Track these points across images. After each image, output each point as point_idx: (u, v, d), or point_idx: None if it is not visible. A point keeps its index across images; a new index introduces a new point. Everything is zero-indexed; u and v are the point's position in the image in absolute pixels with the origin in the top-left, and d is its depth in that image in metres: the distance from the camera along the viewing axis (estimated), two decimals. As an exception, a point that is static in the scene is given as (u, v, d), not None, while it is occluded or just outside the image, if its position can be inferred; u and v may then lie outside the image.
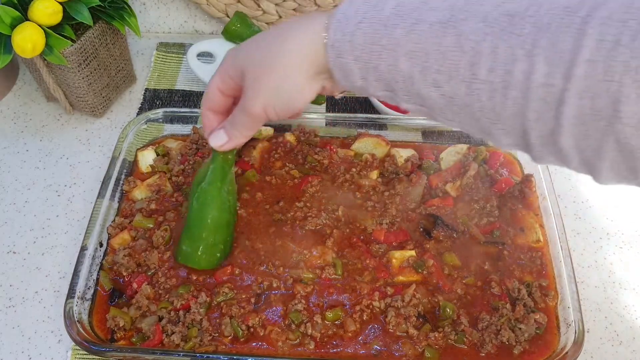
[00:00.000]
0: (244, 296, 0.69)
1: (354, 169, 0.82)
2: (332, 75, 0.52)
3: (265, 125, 0.87)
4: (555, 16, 0.40)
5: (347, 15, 0.49)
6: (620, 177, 0.41)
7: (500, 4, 0.43)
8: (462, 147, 0.84)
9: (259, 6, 1.04)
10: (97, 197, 0.76)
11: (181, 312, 0.67)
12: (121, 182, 0.81)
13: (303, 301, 0.68)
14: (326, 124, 0.88)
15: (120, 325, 0.66)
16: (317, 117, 0.88)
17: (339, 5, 0.51)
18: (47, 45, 0.80)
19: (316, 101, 0.87)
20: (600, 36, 0.38)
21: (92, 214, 0.75)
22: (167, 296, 0.69)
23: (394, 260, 0.73)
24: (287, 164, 0.83)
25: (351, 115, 0.88)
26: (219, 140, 0.63)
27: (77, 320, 0.65)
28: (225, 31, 0.95)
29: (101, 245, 0.74)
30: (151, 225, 0.76)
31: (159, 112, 0.87)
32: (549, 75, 0.39)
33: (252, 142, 0.85)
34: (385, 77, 0.48)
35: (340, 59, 0.50)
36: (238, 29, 0.95)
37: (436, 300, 0.69)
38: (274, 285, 0.70)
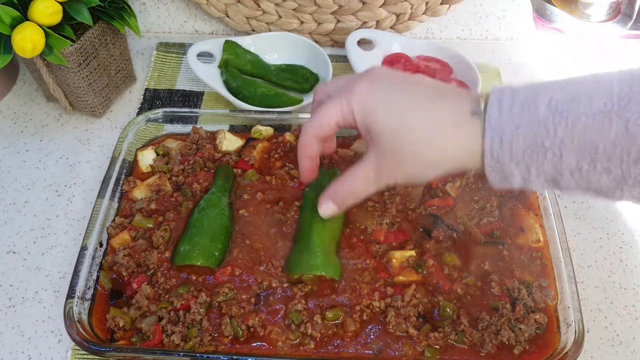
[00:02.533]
0: (244, 296, 0.69)
1: (354, 169, 0.82)
2: (485, 176, 0.52)
3: (266, 125, 0.87)
4: None
5: (501, 121, 0.49)
6: None
7: None
8: (462, 147, 0.84)
9: (259, 6, 1.04)
10: (97, 197, 0.76)
11: (181, 312, 0.67)
12: (121, 182, 0.81)
13: (303, 301, 0.68)
14: (326, 124, 0.88)
15: (120, 325, 0.66)
16: (317, 117, 0.87)
17: (488, 108, 0.50)
18: (47, 45, 0.80)
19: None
20: None
21: (92, 214, 0.75)
22: (167, 296, 0.69)
23: (394, 260, 0.73)
24: (287, 164, 0.83)
25: (351, 115, 0.88)
26: (330, 211, 0.65)
27: (77, 320, 0.65)
28: (220, 65, 0.96)
29: (101, 245, 0.74)
30: (151, 225, 0.76)
31: (159, 112, 0.87)
32: None
33: (252, 142, 0.85)
34: (549, 173, 0.49)
35: (499, 165, 0.50)
36: (232, 61, 0.96)
37: (436, 300, 0.69)
38: (274, 285, 0.70)
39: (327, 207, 0.65)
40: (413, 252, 0.73)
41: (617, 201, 0.50)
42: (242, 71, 0.98)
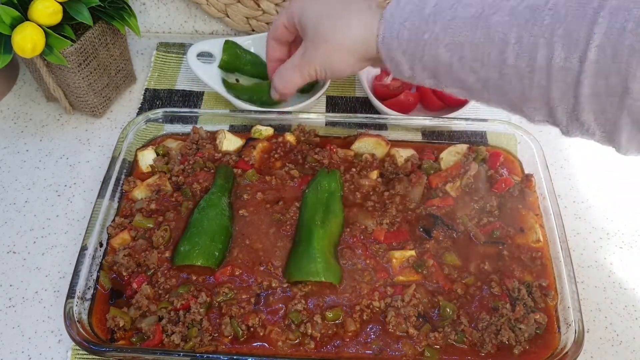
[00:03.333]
0: (244, 296, 0.69)
1: (354, 169, 0.82)
2: (384, 65, 0.60)
3: (266, 125, 0.87)
4: (571, 8, 0.45)
5: (393, 14, 0.57)
6: (639, 148, 0.47)
7: None
8: (462, 147, 0.84)
9: (258, 6, 1.04)
10: (97, 197, 0.76)
11: (181, 312, 0.67)
12: (121, 182, 0.81)
13: (303, 301, 0.68)
14: (326, 124, 0.88)
15: (120, 325, 0.66)
16: (317, 117, 0.88)
17: (389, 4, 0.58)
18: (47, 45, 0.80)
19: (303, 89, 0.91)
20: (609, 24, 0.43)
21: (92, 214, 0.75)
22: (167, 296, 0.69)
23: (394, 260, 0.73)
24: (287, 164, 0.83)
25: (351, 115, 0.88)
26: (274, 96, 0.72)
27: (77, 320, 0.65)
28: (220, 66, 0.97)
29: (101, 245, 0.74)
30: (151, 225, 0.76)
31: (159, 112, 0.87)
32: (567, 60, 0.45)
33: (252, 142, 0.85)
34: (429, 67, 0.56)
35: (390, 53, 0.58)
36: (232, 60, 0.96)
37: (436, 300, 0.69)
38: (274, 285, 0.70)
39: (273, 94, 0.72)
40: (413, 252, 0.73)
41: (487, 105, 0.56)
42: (241, 72, 0.98)
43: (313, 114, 0.88)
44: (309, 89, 0.98)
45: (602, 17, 0.43)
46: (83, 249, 0.71)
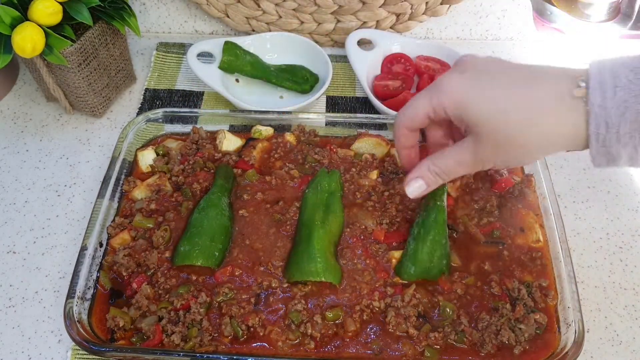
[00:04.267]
0: (244, 296, 0.69)
1: (353, 169, 0.82)
2: (591, 158, 0.53)
3: (266, 125, 0.87)
4: None
5: (606, 107, 0.50)
6: None
7: None
8: (462, 147, 0.84)
9: (258, 6, 1.04)
10: (97, 197, 0.76)
11: (181, 312, 0.67)
12: (121, 182, 0.81)
13: (303, 301, 0.68)
14: (326, 124, 0.88)
15: (120, 325, 0.66)
16: (317, 117, 0.88)
17: (590, 94, 0.50)
18: (47, 45, 0.80)
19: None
20: None
21: (92, 214, 0.75)
22: (167, 296, 0.69)
23: (394, 260, 0.73)
24: (287, 164, 0.83)
25: (351, 115, 0.88)
26: (421, 190, 0.64)
27: (77, 320, 0.65)
28: (220, 67, 0.96)
29: (101, 245, 0.74)
30: (151, 225, 0.76)
31: (158, 112, 0.87)
32: None
33: (252, 142, 0.85)
34: None
35: (606, 149, 0.51)
36: (232, 61, 0.96)
37: (436, 300, 0.69)
38: (274, 285, 0.70)
39: (418, 185, 0.64)
40: (413, 252, 0.73)
41: None
42: (241, 72, 0.98)
43: (313, 114, 0.88)
44: (309, 90, 0.98)
45: None
46: (83, 249, 0.71)
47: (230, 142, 0.85)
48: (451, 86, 0.57)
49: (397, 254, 0.73)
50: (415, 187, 0.64)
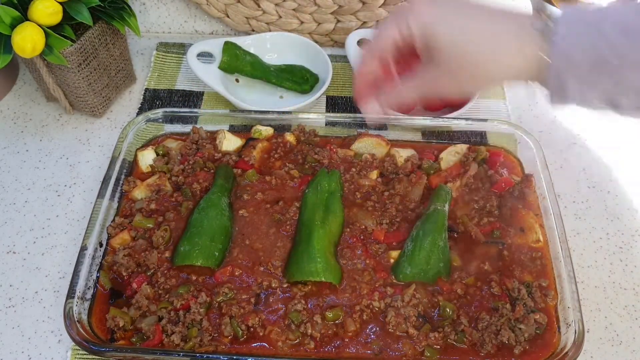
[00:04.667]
0: (244, 296, 0.69)
1: (353, 169, 0.82)
2: (543, 89, 0.54)
3: (266, 125, 0.87)
4: None
5: (569, 41, 0.51)
6: None
7: None
8: (462, 147, 0.84)
9: (258, 6, 1.04)
10: (97, 197, 0.76)
11: (181, 312, 0.67)
12: (121, 182, 0.81)
13: (303, 301, 0.68)
14: (326, 124, 0.88)
15: (120, 325, 0.66)
16: (317, 117, 0.88)
17: (556, 26, 0.52)
18: (47, 45, 0.80)
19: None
20: None
21: (92, 214, 0.75)
22: (167, 296, 0.69)
23: (392, 261, 0.73)
24: (287, 164, 0.83)
25: (351, 115, 0.88)
26: (375, 109, 0.65)
27: (77, 320, 0.65)
28: (220, 67, 0.96)
29: (101, 245, 0.74)
30: (151, 225, 0.76)
31: (158, 112, 0.87)
32: None
33: (252, 142, 0.85)
34: (610, 93, 0.51)
35: (561, 83, 0.52)
36: (231, 61, 0.96)
37: (436, 300, 0.69)
38: (274, 285, 0.70)
39: (372, 105, 0.65)
40: (413, 252, 0.73)
41: None
42: (241, 72, 0.98)
43: (313, 114, 0.88)
44: (309, 90, 0.98)
45: None
46: (83, 249, 0.71)
47: (230, 142, 0.85)
48: (421, 12, 0.58)
49: (396, 254, 0.73)
50: (369, 107, 0.66)
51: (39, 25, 0.78)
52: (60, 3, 0.80)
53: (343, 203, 0.78)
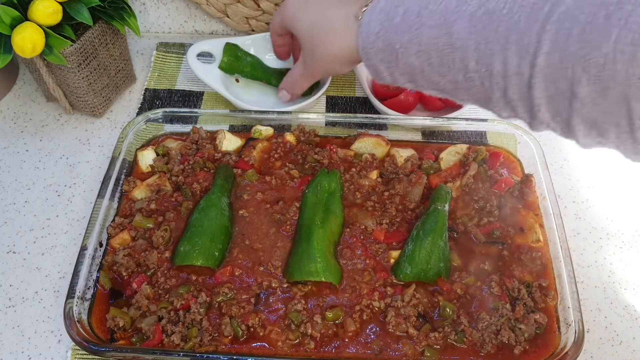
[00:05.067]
0: (244, 296, 0.69)
1: (354, 169, 0.82)
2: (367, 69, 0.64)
3: (266, 125, 0.87)
4: (523, 13, 0.47)
5: (368, 24, 0.60)
6: (594, 142, 0.48)
7: (483, 2, 0.50)
8: (462, 147, 0.84)
9: (258, 6, 1.04)
10: (97, 197, 0.76)
11: (181, 312, 0.67)
12: (121, 182, 0.81)
13: (303, 301, 0.68)
14: (326, 124, 0.88)
15: (120, 325, 0.66)
16: (317, 117, 0.88)
17: (364, 13, 0.61)
18: (47, 45, 0.80)
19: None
20: (557, 30, 0.45)
21: (92, 214, 0.75)
22: (167, 296, 0.69)
23: (393, 261, 0.73)
24: (287, 164, 0.83)
25: (351, 115, 0.88)
26: (285, 98, 0.86)
27: (77, 320, 0.65)
28: (220, 67, 0.96)
29: (101, 245, 0.74)
30: (151, 225, 0.76)
31: (158, 112, 0.87)
32: (519, 66, 0.48)
33: (252, 142, 0.85)
34: (405, 72, 0.59)
35: (369, 61, 0.62)
36: (232, 62, 0.96)
37: (436, 300, 0.69)
38: (274, 285, 0.70)
39: (283, 95, 0.86)
40: (413, 252, 0.73)
41: (463, 103, 0.60)
42: (241, 73, 0.98)
43: (313, 114, 0.88)
44: (309, 92, 0.98)
45: (550, 24, 0.45)
46: (83, 249, 0.71)
47: (230, 142, 0.85)
48: (288, 5, 0.75)
49: (396, 254, 0.73)
50: (282, 96, 0.87)
51: (39, 25, 0.78)
52: (60, 3, 0.80)
53: (343, 203, 0.78)
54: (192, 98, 1.00)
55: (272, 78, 0.98)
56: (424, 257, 0.70)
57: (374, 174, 0.82)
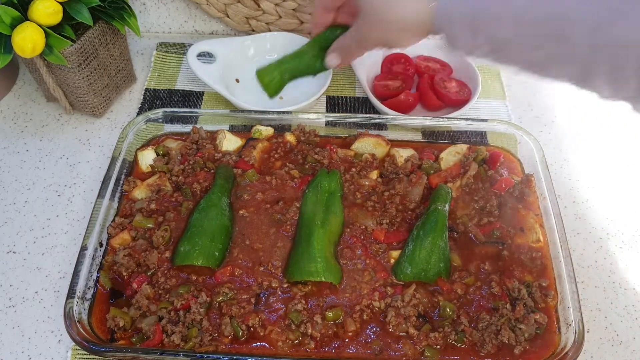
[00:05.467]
0: (244, 296, 0.69)
1: (354, 169, 0.82)
2: (440, 37, 0.60)
3: (266, 125, 0.87)
4: None
5: None
6: None
7: None
8: (462, 147, 0.84)
9: (258, 6, 1.04)
10: (97, 197, 0.76)
11: (181, 312, 0.67)
12: (121, 182, 0.81)
13: (303, 301, 0.68)
14: (326, 124, 0.88)
15: (120, 325, 0.66)
16: (317, 117, 0.88)
17: None
18: (47, 45, 0.80)
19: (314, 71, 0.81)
20: None
21: (92, 214, 0.75)
22: (167, 296, 0.69)
23: (393, 261, 0.73)
24: (287, 164, 0.83)
25: (351, 115, 0.88)
26: (334, 62, 0.75)
27: (77, 320, 0.65)
28: (271, 96, 0.81)
29: (101, 245, 0.74)
30: (151, 225, 0.76)
31: (158, 112, 0.87)
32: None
33: (252, 142, 0.85)
34: (490, 42, 0.55)
35: (447, 28, 0.58)
36: (276, 84, 0.80)
37: (436, 300, 0.69)
38: (274, 285, 0.70)
39: (332, 58, 0.74)
40: (413, 252, 0.73)
41: (556, 80, 0.55)
42: (288, 82, 0.82)
43: (313, 114, 0.88)
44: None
45: None
46: (83, 249, 0.71)
47: (230, 142, 0.85)
48: None
49: (396, 254, 0.73)
50: (331, 60, 0.75)
51: (39, 25, 0.78)
52: (60, 3, 0.80)
53: (343, 203, 0.78)
54: (192, 98, 1.00)
55: (316, 61, 0.81)
56: (424, 257, 0.70)
57: (374, 174, 0.82)
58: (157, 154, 0.84)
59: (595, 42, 0.48)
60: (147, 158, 0.84)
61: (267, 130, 0.86)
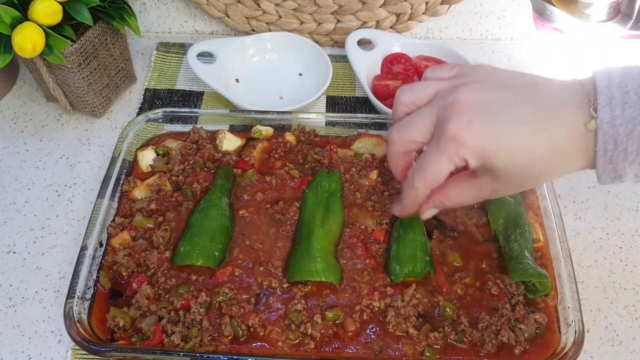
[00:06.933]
0: (244, 296, 0.69)
1: (353, 169, 0.82)
2: (597, 175, 0.54)
3: (266, 125, 0.87)
4: None
5: (614, 125, 0.50)
6: None
7: None
8: (462, 147, 0.84)
9: (259, 6, 1.04)
10: (97, 197, 0.76)
11: (181, 312, 0.67)
12: (121, 182, 0.81)
13: (303, 301, 0.68)
14: (326, 124, 0.88)
15: (120, 325, 0.66)
16: (317, 117, 0.88)
17: (599, 112, 0.50)
18: (47, 45, 0.80)
19: None
20: None
21: (92, 213, 0.75)
22: (167, 296, 0.69)
23: (393, 261, 0.73)
24: (287, 164, 0.83)
25: (351, 115, 0.88)
26: (431, 214, 0.68)
27: (77, 320, 0.65)
28: None
29: (101, 245, 0.74)
30: (151, 225, 0.76)
31: (158, 112, 0.87)
32: None
33: (252, 142, 0.85)
34: None
35: (612, 166, 0.52)
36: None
37: (436, 300, 0.69)
38: (274, 285, 0.70)
39: (431, 212, 0.67)
40: (413, 252, 0.73)
41: None
42: None
43: (313, 114, 0.88)
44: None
45: None
46: (83, 249, 0.71)
47: (230, 142, 0.85)
48: (466, 140, 0.54)
49: (397, 254, 0.73)
50: (429, 213, 0.67)
51: (39, 25, 0.78)
52: (60, 3, 0.80)
53: (343, 203, 0.78)
54: (192, 98, 1.00)
55: None
56: (409, 255, 0.70)
57: (374, 174, 0.82)
58: (157, 154, 0.84)
59: None
60: (147, 158, 0.84)
61: (267, 130, 0.86)
